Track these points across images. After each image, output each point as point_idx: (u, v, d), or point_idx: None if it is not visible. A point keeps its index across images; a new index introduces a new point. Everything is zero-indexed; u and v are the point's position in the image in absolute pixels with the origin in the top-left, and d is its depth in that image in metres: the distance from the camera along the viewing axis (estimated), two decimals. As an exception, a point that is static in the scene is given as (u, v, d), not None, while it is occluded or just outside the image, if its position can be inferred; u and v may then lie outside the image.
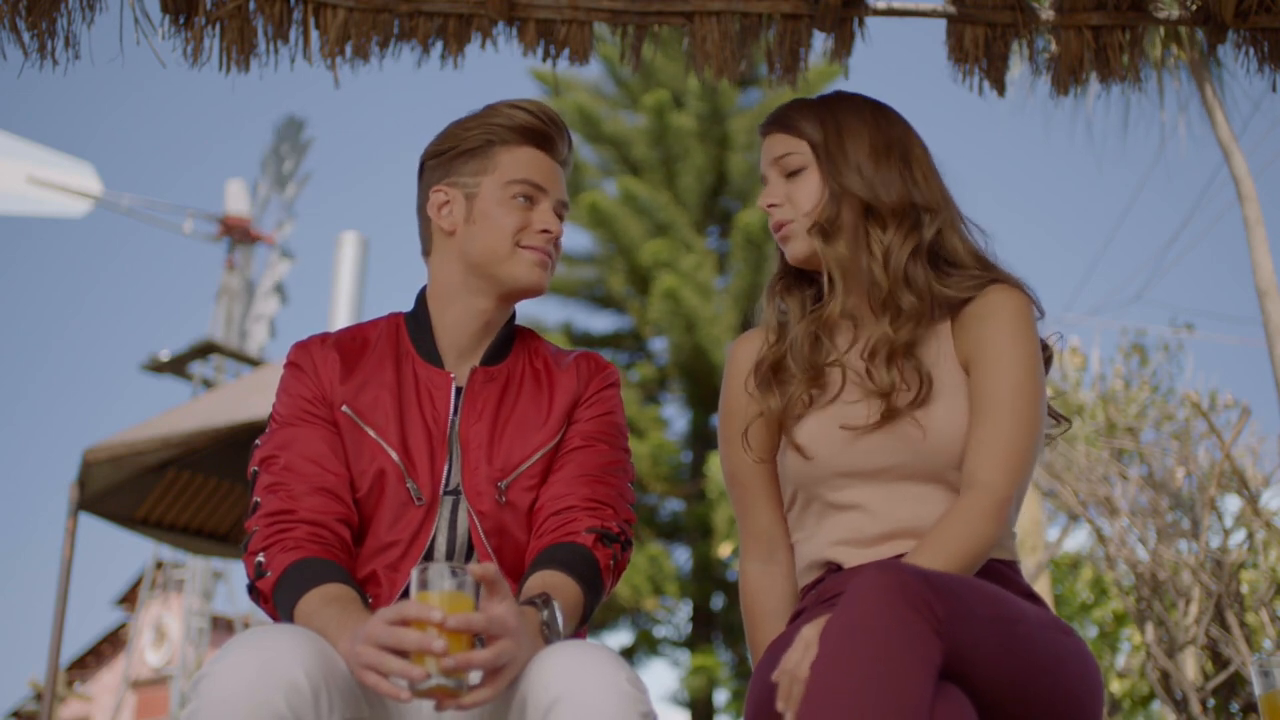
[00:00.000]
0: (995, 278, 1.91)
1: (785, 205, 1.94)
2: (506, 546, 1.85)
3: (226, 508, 6.73)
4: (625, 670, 1.53)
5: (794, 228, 1.93)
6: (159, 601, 19.45)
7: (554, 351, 2.01)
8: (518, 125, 1.93)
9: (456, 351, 1.93)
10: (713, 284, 13.96)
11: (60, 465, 51.93)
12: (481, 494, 1.84)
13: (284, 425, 1.88)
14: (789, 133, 1.96)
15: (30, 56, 2.62)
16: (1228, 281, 46.64)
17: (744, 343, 2.04)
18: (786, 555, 1.99)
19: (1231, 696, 5.93)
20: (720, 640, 13.85)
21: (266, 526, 1.78)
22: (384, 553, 1.83)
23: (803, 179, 1.94)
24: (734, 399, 2.01)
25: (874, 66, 3.37)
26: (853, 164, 1.90)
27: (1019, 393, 1.81)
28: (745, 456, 1.97)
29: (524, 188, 1.92)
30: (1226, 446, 5.74)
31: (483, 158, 1.93)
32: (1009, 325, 1.85)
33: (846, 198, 1.90)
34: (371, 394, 1.89)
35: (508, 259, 1.90)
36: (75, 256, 54.45)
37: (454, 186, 1.94)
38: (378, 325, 1.99)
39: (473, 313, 1.93)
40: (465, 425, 1.88)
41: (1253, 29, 2.86)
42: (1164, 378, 7.73)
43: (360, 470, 1.85)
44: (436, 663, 1.45)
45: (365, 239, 16.52)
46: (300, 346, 1.96)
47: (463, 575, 1.50)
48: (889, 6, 2.89)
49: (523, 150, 1.94)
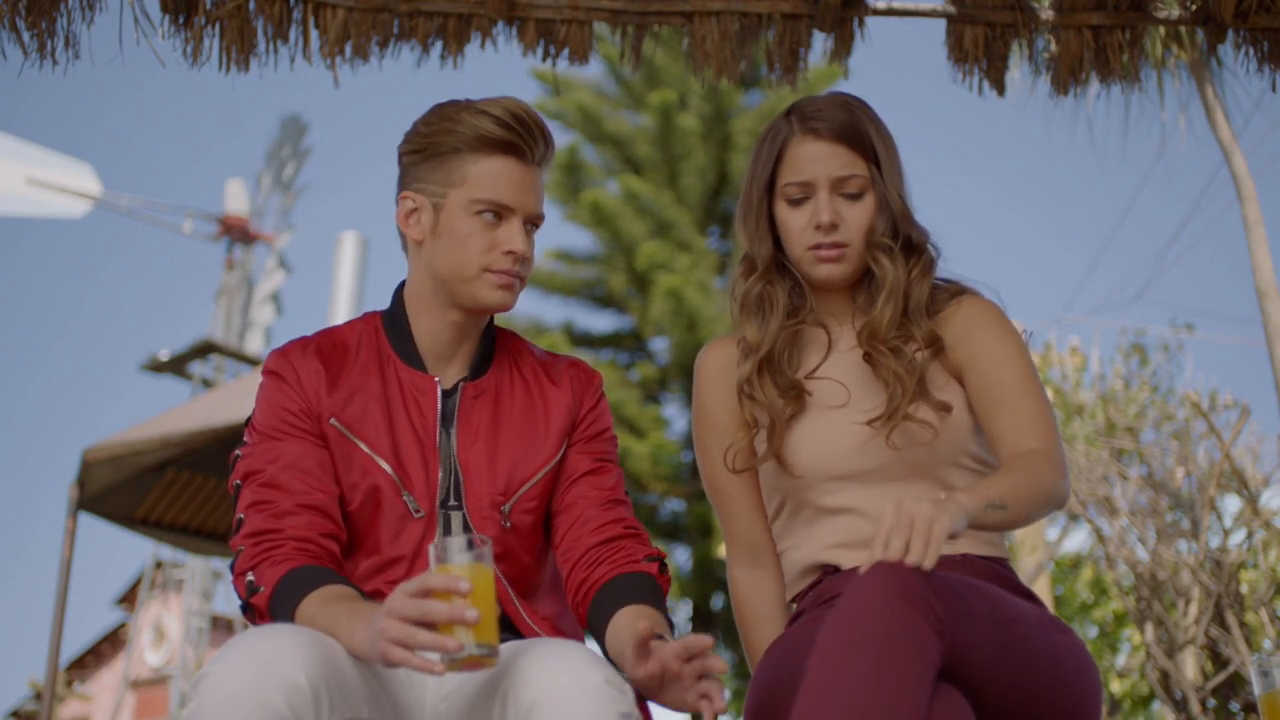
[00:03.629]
0: (960, 288, 1.94)
1: (843, 227, 1.88)
2: (513, 569, 1.83)
3: (226, 507, 6.72)
4: (605, 670, 1.52)
5: (850, 251, 1.89)
6: (158, 601, 19.44)
7: (540, 357, 1.95)
8: (485, 135, 1.81)
9: (435, 355, 1.88)
10: (713, 284, 13.96)
11: (60, 465, 51.92)
12: (486, 518, 1.81)
13: (267, 438, 1.80)
14: (854, 148, 1.89)
15: (30, 56, 2.62)
16: (1228, 281, 46.63)
17: (713, 349, 2.02)
18: (773, 558, 1.99)
19: (1231, 696, 5.94)
20: (720, 640, 13.83)
21: (252, 546, 1.72)
22: (389, 568, 1.80)
23: (863, 203, 1.89)
24: (708, 406, 1.99)
25: (874, 66, 3.38)
26: (892, 184, 1.90)
27: (1028, 378, 1.84)
28: (723, 465, 1.97)
29: (489, 206, 1.82)
30: (1226, 446, 5.74)
31: (450, 168, 1.82)
32: (996, 327, 1.89)
33: (885, 215, 1.89)
34: (360, 404, 1.82)
35: (472, 281, 1.82)
36: (75, 257, 54.47)
37: (421, 194, 1.85)
38: (355, 328, 1.92)
39: (445, 322, 1.87)
40: (463, 448, 1.83)
41: (1253, 29, 2.86)
42: (1164, 378, 7.74)
43: (351, 484, 1.80)
44: (471, 633, 1.43)
45: (365, 239, 16.53)
46: (279, 355, 1.87)
47: (480, 547, 1.48)
48: (889, 6, 2.89)
49: (492, 161, 1.82)
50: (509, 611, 1.78)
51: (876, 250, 1.88)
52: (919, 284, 1.90)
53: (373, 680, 1.61)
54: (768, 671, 1.75)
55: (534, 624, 1.80)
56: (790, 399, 1.89)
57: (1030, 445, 1.76)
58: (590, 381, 1.94)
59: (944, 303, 1.92)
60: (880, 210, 1.88)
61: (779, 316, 1.93)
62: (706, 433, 2.00)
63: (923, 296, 1.90)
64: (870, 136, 1.89)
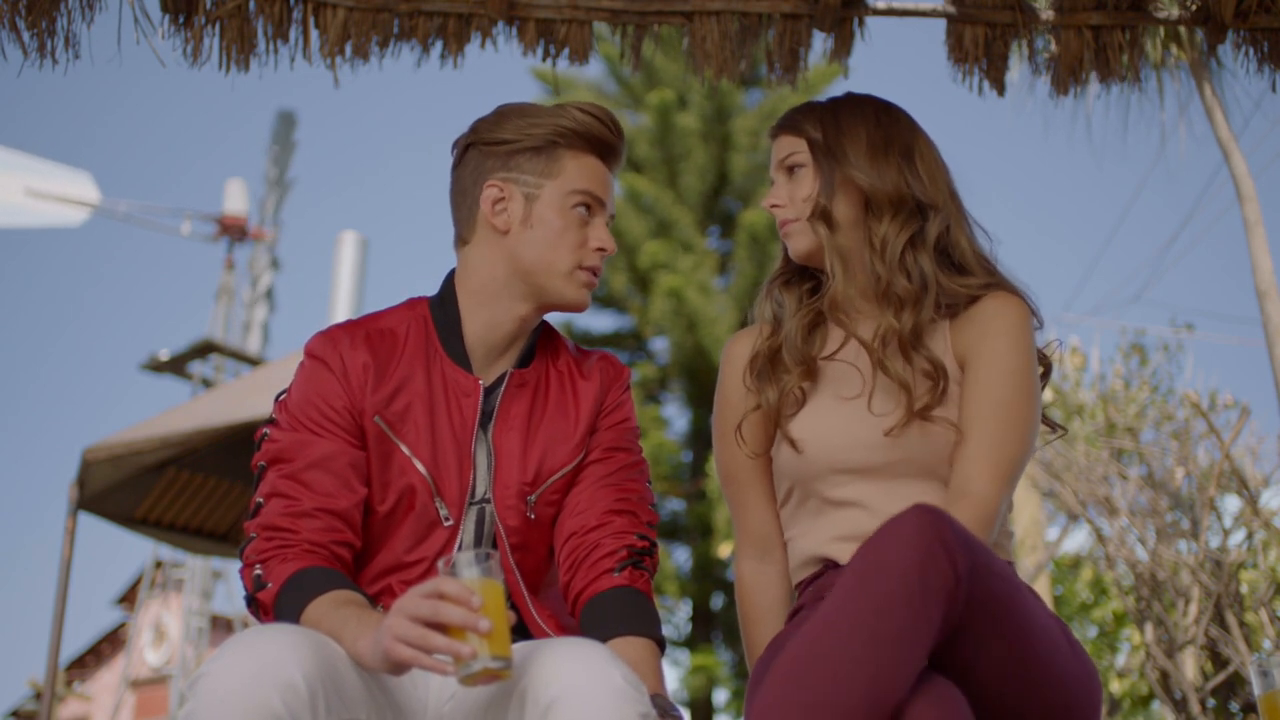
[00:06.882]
0: (998, 284, 1.92)
1: (787, 205, 1.96)
2: (528, 561, 1.84)
3: (226, 507, 6.73)
4: (622, 669, 1.52)
5: (795, 225, 1.95)
6: (158, 601, 19.44)
7: (574, 352, 1.95)
8: (587, 132, 1.85)
9: (484, 352, 1.85)
10: (714, 284, 13.96)
11: (60, 465, 51.91)
12: (510, 508, 1.81)
13: (301, 428, 1.77)
14: (792, 133, 1.98)
15: (30, 56, 2.62)
16: (1227, 281, 46.62)
17: (739, 339, 2.05)
18: (782, 554, 1.99)
19: (1231, 696, 5.94)
20: (720, 640, 13.84)
21: (265, 540, 1.71)
22: (403, 570, 1.79)
23: (801, 175, 1.96)
24: (729, 394, 2.02)
25: (874, 66, 3.37)
26: (850, 158, 1.92)
27: (1012, 403, 1.82)
28: (739, 452, 1.97)
29: (586, 198, 1.84)
30: (1226, 446, 5.74)
31: (548, 159, 1.84)
32: (1006, 334, 1.86)
33: (844, 189, 1.92)
34: (403, 402, 1.79)
35: (562, 276, 1.83)
36: (74, 261, 54.39)
37: (513, 183, 1.84)
38: (403, 317, 1.87)
39: (511, 317, 1.85)
40: (499, 432, 1.82)
41: (1253, 29, 2.86)
42: (1164, 378, 7.72)
43: (385, 482, 1.78)
44: (485, 644, 1.42)
45: (364, 239, 16.52)
46: (327, 340, 1.82)
47: (488, 562, 1.47)
48: (889, 6, 2.89)
49: (588, 159, 1.86)
50: (519, 606, 1.79)
51: (816, 220, 1.91)
52: (908, 253, 1.89)
53: (372, 682, 1.60)
54: (766, 669, 1.75)
55: (541, 621, 1.80)
56: (801, 373, 1.91)
57: (973, 489, 1.77)
58: (619, 375, 1.95)
59: (977, 292, 1.90)
60: (821, 178, 1.92)
61: (799, 300, 1.98)
62: (726, 420, 2.01)
63: (915, 265, 1.89)
64: (808, 119, 1.97)
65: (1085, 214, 72.43)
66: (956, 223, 1.94)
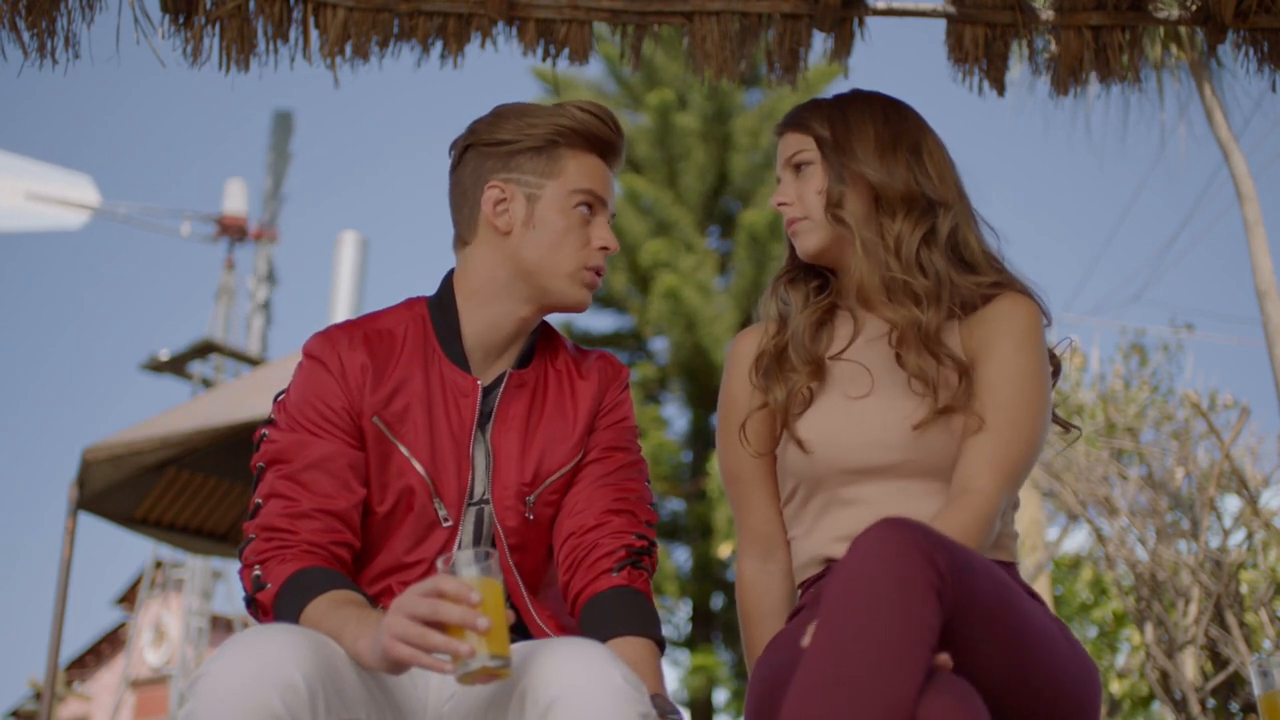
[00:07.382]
0: (1008, 283, 1.91)
1: (795, 203, 1.95)
2: (527, 561, 1.84)
3: (225, 507, 6.73)
4: (622, 669, 1.52)
5: (804, 224, 1.94)
6: (158, 601, 19.44)
7: (572, 351, 1.95)
8: (587, 131, 1.85)
9: (483, 352, 1.85)
10: (713, 284, 13.96)
11: (60, 465, 51.90)
12: (509, 508, 1.81)
13: (299, 428, 1.76)
14: (799, 130, 1.97)
15: (30, 56, 2.62)
16: (1227, 281, 46.60)
17: (745, 338, 2.04)
18: (784, 554, 1.98)
19: (1231, 696, 5.94)
20: (720, 640, 13.84)
21: (264, 541, 1.71)
22: (402, 571, 1.79)
23: (809, 173, 1.95)
24: (734, 393, 2.01)
25: (874, 66, 3.37)
26: (858, 155, 1.91)
27: (1019, 404, 1.82)
28: (744, 451, 1.96)
29: (588, 198, 1.84)
30: (1226, 447, 5.74)
31: (549, 159, 1.83)
32: (1017, 335, 1.86)
33: (853, 186, 1.91)
34: (402, 403, 1.79)
35: (566, 277, 1.83)
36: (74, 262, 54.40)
37: (514, 184, 1.83)
38: (401, 317, 1.87)
39: (511, 318, 1.84)
40: (497, 433, 1.82)
41: (1253, 29, 2.86)
42: (1164, 378, 7.72)
43: (384, 483, 1.78)
44: (484, 643, 1.42)
45: (364, 239, 16.52)
46: (325, 340, 1.82)
47: (487, 561, 1.47)
48: (889, 6, 2.89)
49: (588, 158, 1.86)
50: (518, 606, 1.78)
51: (829, 213, 1.91)
52: (924, 250, 1.88)
53: (372, 682, 1.60)
54: (766, 669, 1.75)
55: (541, 621, 1.80)
56: (809, 372, 1.90)
57: (974, 486, 1.76)
58: (617, 375, 1.95)
59: (988, 291, 1.90)
60: (830, 175, 1.91)
61: (806, 298, 1.98)
62: (730, 418, 2.00)
63: (930, 262, 1.88)
64: (815, 116, 1.96)
65: (1085, 214, 72.41)
66: (966, 221, 1.93)
